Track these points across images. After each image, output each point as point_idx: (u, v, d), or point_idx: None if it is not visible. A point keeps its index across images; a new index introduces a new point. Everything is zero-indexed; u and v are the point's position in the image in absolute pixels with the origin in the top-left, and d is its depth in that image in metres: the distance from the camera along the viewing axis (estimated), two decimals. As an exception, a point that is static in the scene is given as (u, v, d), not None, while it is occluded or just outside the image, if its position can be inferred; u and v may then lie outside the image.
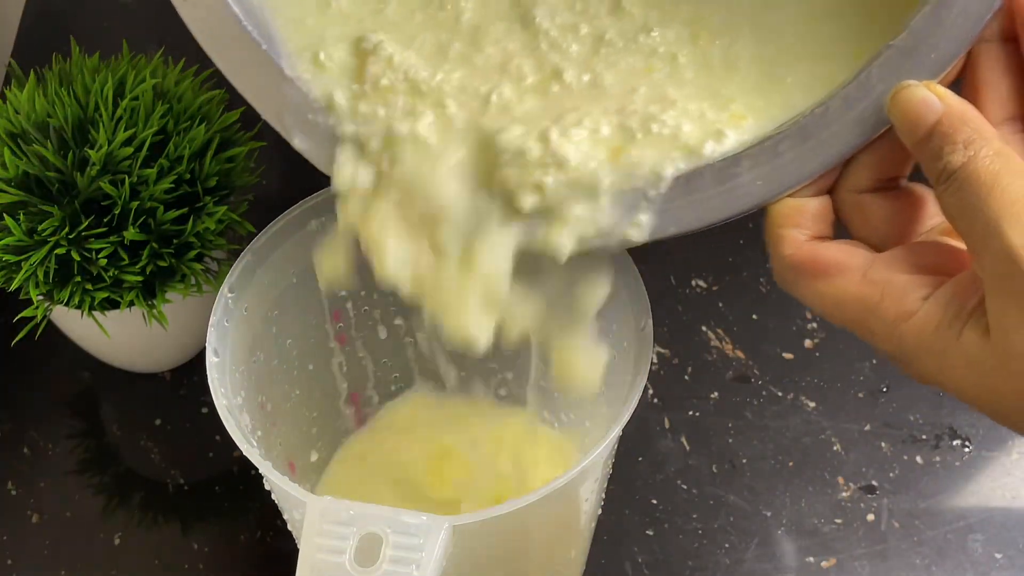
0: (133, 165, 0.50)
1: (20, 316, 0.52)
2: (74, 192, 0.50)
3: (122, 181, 0.50)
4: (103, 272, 0.50)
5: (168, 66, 0.55)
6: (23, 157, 0.50)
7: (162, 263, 0.51)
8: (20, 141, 0.51)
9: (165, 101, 0.53)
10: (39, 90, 0.52)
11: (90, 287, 0.50)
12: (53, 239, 0.49)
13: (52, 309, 0.52)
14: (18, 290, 0.50)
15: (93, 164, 0.49)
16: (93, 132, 0.50)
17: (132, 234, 0.50)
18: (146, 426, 0.60)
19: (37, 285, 0.50)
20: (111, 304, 0.52)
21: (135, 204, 0.50)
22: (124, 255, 0.50)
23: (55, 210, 0.50)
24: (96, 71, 0.54)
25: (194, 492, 0.57)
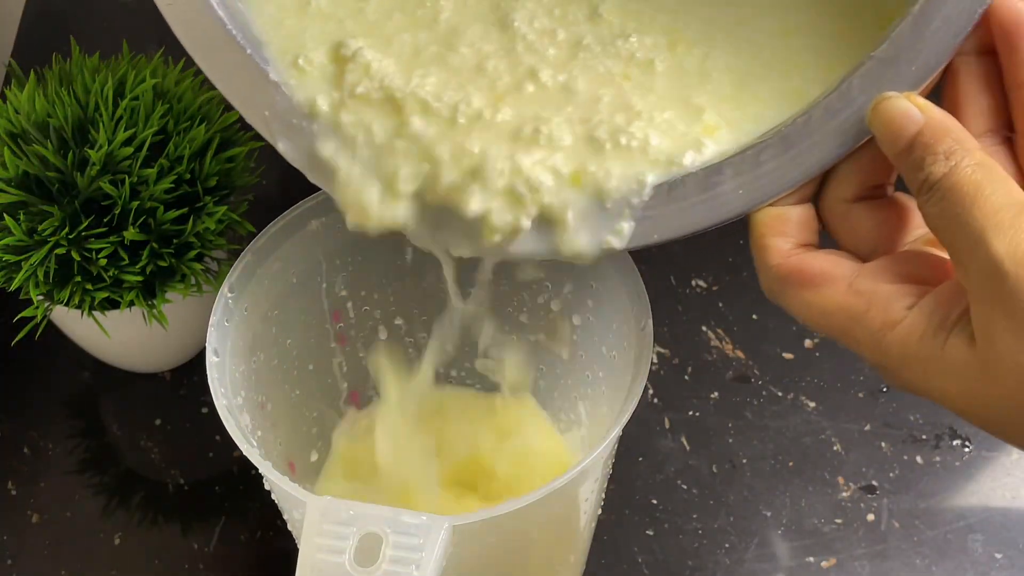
0: (133, 165, 0.50)
1: (20, 316, 0.52)
2: (74, 192, 0.50)
3: (122, 181, 0.50)
4: (103, 272, 0.50)
5: (168, 66, 0.55)
6: (23, 157, 0.50)
7: (162, 263, 0.51)
8: (20, 141, 0.51)
9: (165, 101, 0.53)
10: (39, 90, 0.52)
11: (90, 287, 0.50)
12: (53, 239, 0.49)
13: (52, 309, 0.52)
14: (18, 290, 0.50)
15: (93, 164, 0.49)
16: (93, 132, 0.50)
17: (132, 234, 0.50)
18: (146, 426, 0.60)
19: (37, 285, 0.50)
20: (111, 304, 0.52)
21: (135, 204, 0.50)
22: (124, 255, 0.50)
23: (55, 210, 0.50)
24: (96, 71, 0.54)
25: (194, 492, 0.57)
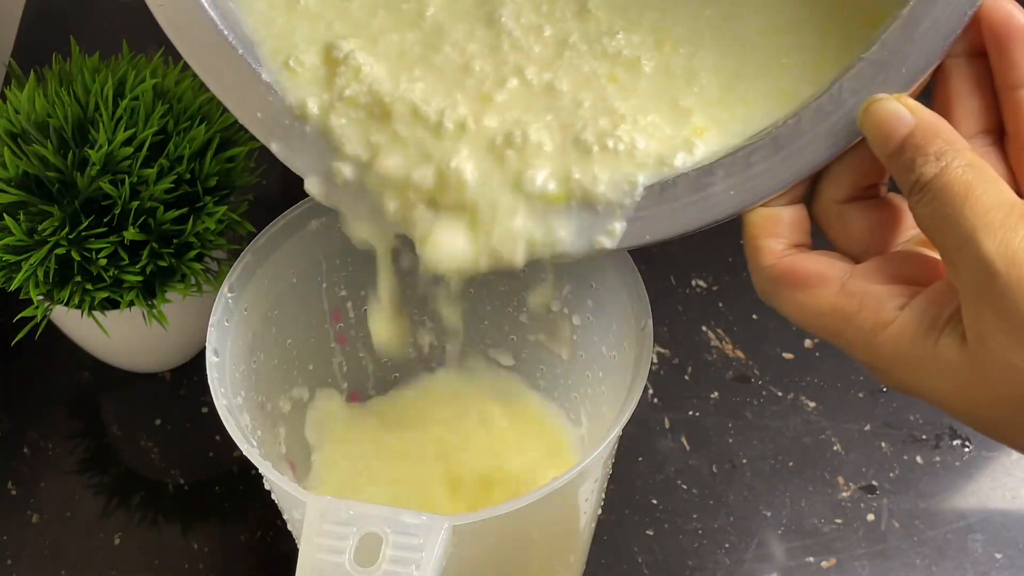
0: (133, 165, 0.50)
1: (20, 316, 0.52)
2: (74, 192, 0.50)
3: (122, 181, 0.50)
4: (103, 272, 0.50)
5: (168, 66, 0.55)
6: (23, 157, 0.50)
7: (162, 263, 0.51)
8: (20, 141, 0.51)
9: (165, 101, 0.53)
10: (39, 90, 0.52)
11: (90, 287, 0.50)
12: (53, 239, 0.49)
13: (52, 309, 0.52)
14: (18, 290, 0.50)
15: (93, 164, 0.49)
16: (93, 132, 0.50)
17: (132, 234, 0.50)
18: (146, 426, 0.60)
19: (37, 285, 0.50)
20: (111, 304, 0.52)
21: (135, 204, 0.50)
22: (124, 255, 0.50)
23: (55, 210, 0.50)
24: (96, 71, 0.54)
25: (194, 492, 0.57)
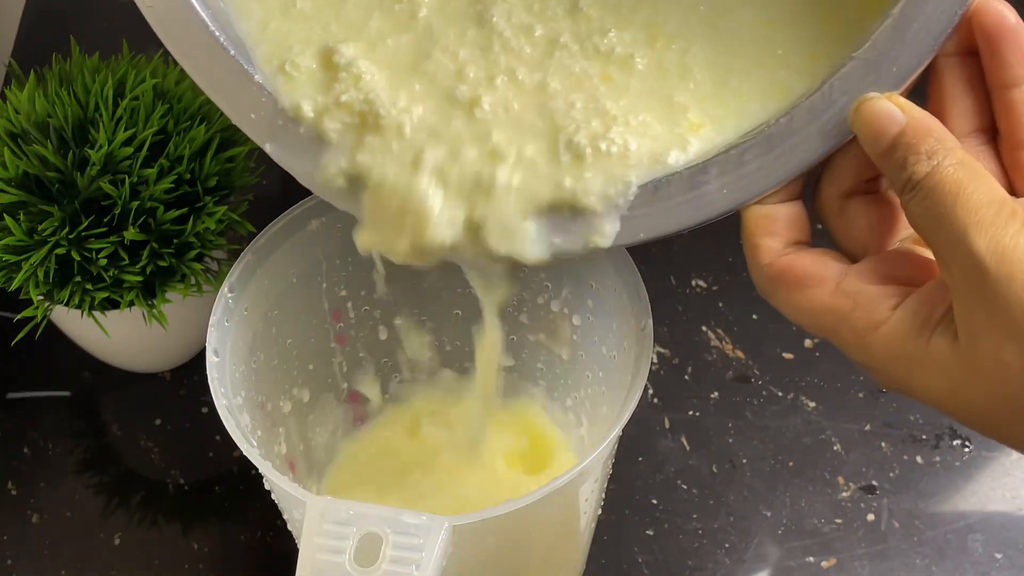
0: (133, 165, 0.50)
1: (20, 316, 0.52)
2: (74, 192, 0.50)
3: (122, 181, 0.50)
4: (103, 272, 0.50)
5: (168, 66, 0.55)
6: (23, 157, 0.50)
7: (162, 263, 0.51)
8: (20, 141, 0.51)
9: (165, 101, 0.53)
10: (39, 90, 0.52)
11: (90, 287, 0.50)
12: (53, 239, 0.49)
13: (52, 309, 0.52)
14: (18, 290, 0.50)
15: (93, 164, 0.49)
16: (93, 132, 0.50)
17: (132, 234, 0.50)
18: (146, 426, 0.60)
19: (37, 285, 0.50)
20: (111, 304, 0.52)
21: (135, 204, 0.50)
22: (124, 255, 0.50)
23: (55, 210, 0.50)
24: (96, 71, 0.54)
25: (194, 492, 0.57)
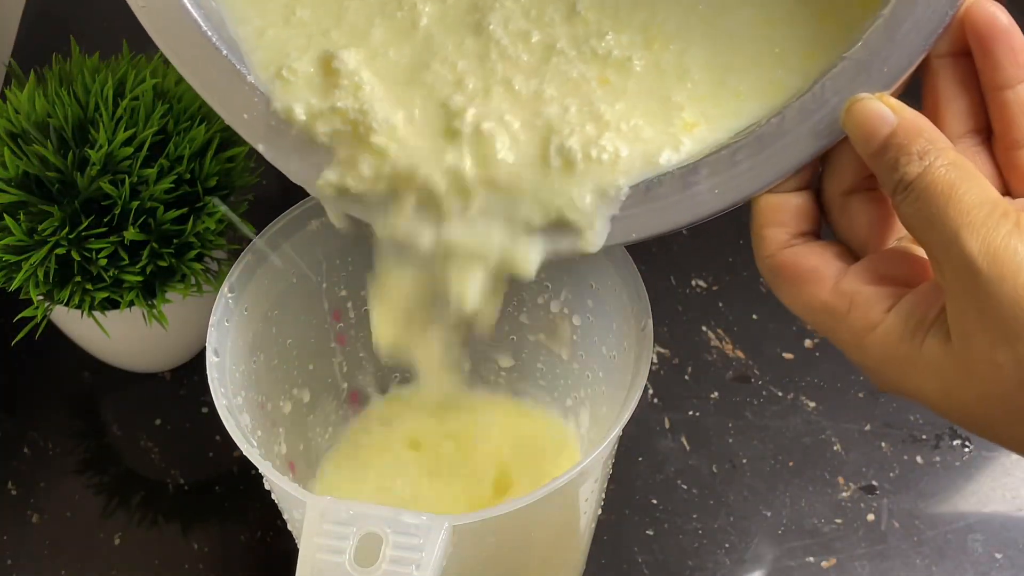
0: (133, 165, 0.50)
1: (20, 316, 0.52)
2: (74, 192, 0.50)
3: (122, 181, 0.50)
4: (103, 272, 0.50)
5: (168, 66, 0.55)
6: (23, 157, 0.50)
7: (162, 263, 0.51)
8: (20, 141, 0.51)
9: (165, 101, 0.53)
10: (39, 90, 0.52)
11: (90, 287, 0.50)
12: (53, 239, 0.49)
13: (52, 309, 0.52)
14: (18, 290, 0.50)
15: (93, 164, 0.49)
16: (93, 132, 0.50)
17: (132, 234, 0.50)
18: (146, 426, 0.60)
19: (37, 285, 0.50)
20: (111, 304, 0.52)
21: (135, 204, 0.50)
22: (124, 255, 0.50)
23: (55, 210, 0.50)
24: (96, 71, 0.54)
25: (194, 492, 0.57)
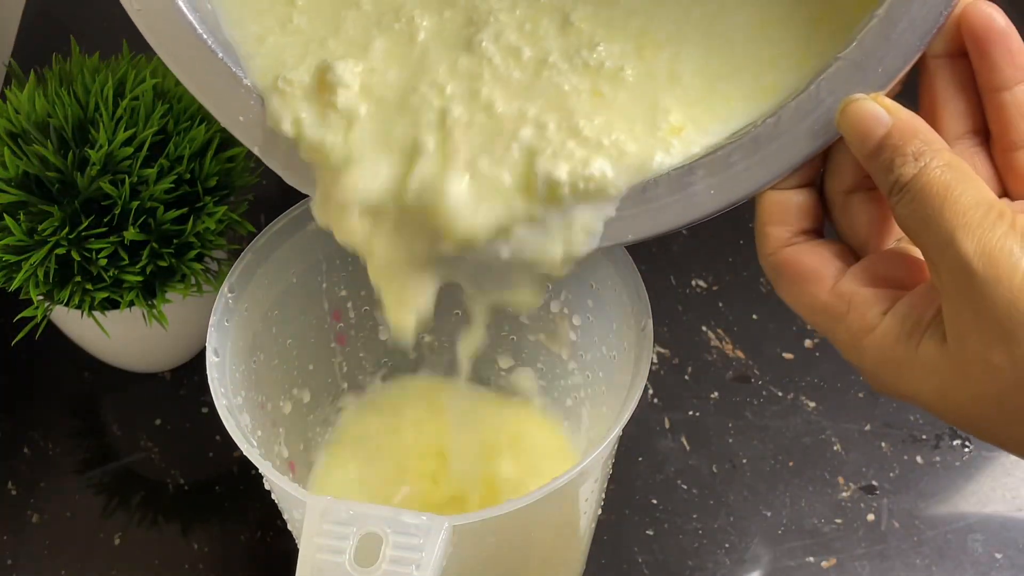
0: (133, 165, 0.50)
1: (20, 316, 0.52)
2: (74, 192, 0.50)
3: (122, 181, 0.50)
4: (103, 272, 0.50)
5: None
6: (23, 157, 0.50)
7: (162, 263, 0.51)
8: (20, 141, 0.51)
9: (165, 101, 0.53)
10: (39, 90, 0.52)
11: (90, 287, 0.50)
12: (53, 239, 0.49)
13: (52, 309, 0.52)
14: (18, 290, 0.50)
15: (93, 164, 0.49)
16: (93, 132, 0.50)
17: (132, 234, 0.50)
18: (146, 426, 0.60)
19: (37, 285, 0.50)
20: (111, 304, 0.52)
21: (135, 204, 0.50)
22: (124, 255, 0.50)
23: (55, 210, 0.50)
24: (96, 71, 0.54)
25: (194, 492, 0.57)
